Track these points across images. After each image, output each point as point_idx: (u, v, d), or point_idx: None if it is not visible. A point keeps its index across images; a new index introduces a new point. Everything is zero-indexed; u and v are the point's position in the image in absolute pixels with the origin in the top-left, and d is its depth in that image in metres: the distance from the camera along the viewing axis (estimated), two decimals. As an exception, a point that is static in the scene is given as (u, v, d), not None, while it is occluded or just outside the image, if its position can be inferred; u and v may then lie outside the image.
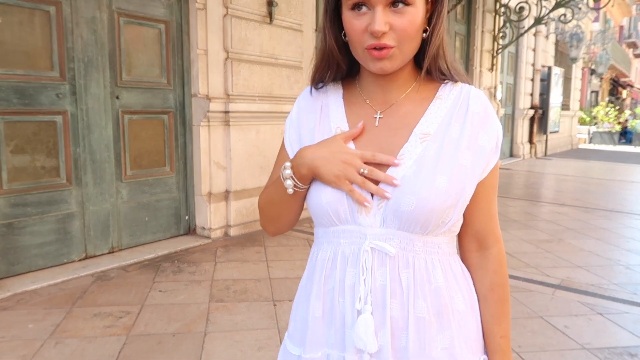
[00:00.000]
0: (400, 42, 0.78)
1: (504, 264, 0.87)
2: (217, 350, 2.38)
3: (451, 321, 0.83)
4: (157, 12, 3.93)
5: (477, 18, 9.05)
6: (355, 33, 0.79)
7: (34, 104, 3.25)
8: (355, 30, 0.79)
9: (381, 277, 0.81)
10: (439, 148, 0.80)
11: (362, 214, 0.81)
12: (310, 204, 0.86)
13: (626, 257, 4.06)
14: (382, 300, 0.81)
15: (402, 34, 0.78)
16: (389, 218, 0.80)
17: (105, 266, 3.46)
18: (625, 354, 2.44)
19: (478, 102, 0.84)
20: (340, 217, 0.83)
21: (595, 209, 6.10)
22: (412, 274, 0.81)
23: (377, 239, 0.81)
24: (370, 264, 0.81)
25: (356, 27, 0.78)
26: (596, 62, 19.92)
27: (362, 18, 0.78)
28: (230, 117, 4.26)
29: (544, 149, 13.32)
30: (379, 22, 0.75)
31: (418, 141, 0.81)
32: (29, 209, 3.27)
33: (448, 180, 0.78)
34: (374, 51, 0.78)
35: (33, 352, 2.32)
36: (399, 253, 0.81)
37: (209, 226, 4.23)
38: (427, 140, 0.81)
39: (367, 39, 0.78)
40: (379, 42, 0.77)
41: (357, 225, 0.82)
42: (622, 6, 25.69)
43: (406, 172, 0.79)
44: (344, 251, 0.84)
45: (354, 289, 0.82)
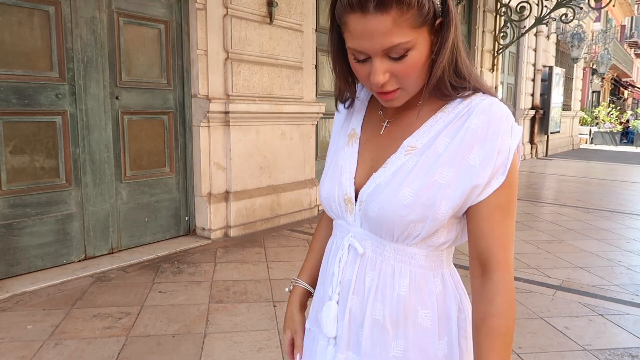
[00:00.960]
0: (404, 84, 0.78)
1: (505, 293, 0.77)
2: (216, 352, 2.37)
3: (408, 332, 0.82)
4: (157, 12, 3.93)
5: (478, 18, 9.04)
6: (361, 78, 0.81)
7: (33, 105, 3.24)
8: (360, 76, 0.81)
9: (349, 273, 0.87)
10: (417, 163, 0.79)
11: (347, 213, 0.87)
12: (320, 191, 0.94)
13: (627, 258, 4.05)
14: (345, 294, 0.87)
15: (404, 78, 0.77)
16: (363, 220, 0.85)
17: (104, 267, 3.46)
18: (626, 355, 2.43)
19: (480, 117, 0.77)
20: (334, 212, 0.91)
21: (596, 209, 6.08)
22: (377, 276, 0.84)
23: (355, 237, 0.86)
24: (345, 259, 0.87)
25: (361, 74, 0.80)
26: (597, 62, 19.90)
27: (365, 66, 0.78)
28: (230, 117, 4.26)
29: (545, 149, 13.30)
30: (376, 74, 0.76)
31: (403, 153, 0.82)
32: (28, 210, 3.27)
33: (413, 194, 0.77)
34: (380, 95, 0.80)
35: (32, 353, 2.31)
36: (369, 255, 0.85)
37: (208, 227, 4.22)
38: (411, 154, 0.81)
39: (372, 86, 0.79)
40: (383, 90, 0.79)
41: (345, 222, 0.89)
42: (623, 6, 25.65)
43: (381, 181, 0.81)
44: (337, 242, 0.92)
45: (332, 276, 0.90)
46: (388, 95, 0.79)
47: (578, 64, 16.04)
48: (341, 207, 0.88)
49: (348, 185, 0.86)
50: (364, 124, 0.92)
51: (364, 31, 0.73)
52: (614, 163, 12.22)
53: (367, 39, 0.73)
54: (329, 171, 0.92)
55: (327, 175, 0.91)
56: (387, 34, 0.72)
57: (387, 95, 0.79)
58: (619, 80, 30.54)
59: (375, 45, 0.73)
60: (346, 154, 0.90)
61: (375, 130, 0.89)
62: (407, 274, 0.82)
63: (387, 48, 0.73)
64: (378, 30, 0.72)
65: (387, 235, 0.82)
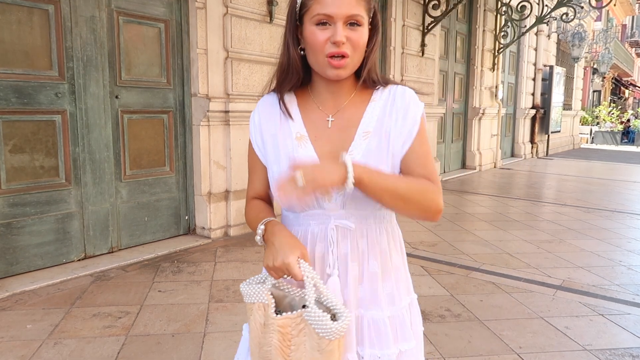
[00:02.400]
0: (353, 52, 0.99)
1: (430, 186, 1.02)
2: (216, 351, 2.37)
3: (391, 273, 1.09)
4: (157, 11, 3.92)
5: (479, 17, 9.02)
6: (318, 43, 0.98)
7: (32, 103, 3.24)
8: (319, 40, 0.98)
9: (344, 247, 1.05)
10: (378, 142, 1.03)
11: (326, 202, 1.04)
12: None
13: (628, 258, 4.04)
14: (345, 265, 1.05)
15: (355, 45, 0.99)
16: (348, 203, 1.04)
17: (104, 266, 3.46)
18: (627, 355, 2.42)
19: (401, 98, 1.06)
20: (309, 205, 1.03)
21: (596, 209, 6.07)
22: (367, 241, 1.07)
23: (339, 219, 1.05)
24: (336, 238, 1.05)
25: (320, 38, 0.98)
26: (598, 62, 19.87)
27: (325, 31, 0.98)
28: (230, 116, 4.25)
29: (546, 148, 13.29)
30: (340, 34, 0.97)
31: (362, 138, 1.04)
32: (28, 209, 3.27)
33: (390, 169, 1.04)
34: (333, 60, 0.99)
35: (31, 352, 2.31)
36: (357, 227, 1.05)
37: (208, 226, 4.22)
38: (368, 137, 1.04)
39: (329, 48, 0.98)
40: (339, 50, 0.98)
41: (322, 210, 1.05)
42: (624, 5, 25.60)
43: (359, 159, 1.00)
44: (313, 230, 1.07)
45: (323, 258, 1.06)
46: (341, 62, 0.99)
47: (579, 64, 16.01)
48: (317, 200, 1.03)
49: None
50: (305, 125, 1.08)
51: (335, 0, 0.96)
52: (614, 162, 12.20)
53: (337, 6, 0.96)
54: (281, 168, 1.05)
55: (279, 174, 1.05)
56: (351, 4, 0.97)
57: (340, 62, 0.99)
58: (620, 80, 30.50)
59: (342, 11, 0.96)
60: (304, 155, 1.04)
61: (321, 128, 1.07)
62: (384, 231, 1.09)
63: (349, 15, 0.97)
64: (345, 1, 0.96)
65: (370, 207, 1.04)
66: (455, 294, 3.14)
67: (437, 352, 2.39)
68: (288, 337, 0.97)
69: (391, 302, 1.08)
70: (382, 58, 6.62)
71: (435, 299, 3.04)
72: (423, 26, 7.04)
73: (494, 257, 3.95)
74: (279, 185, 0.91)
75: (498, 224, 5.11)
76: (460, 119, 9.23)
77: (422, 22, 7.02)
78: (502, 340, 2.54)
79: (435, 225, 4.97)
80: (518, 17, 8.95)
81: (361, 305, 1.07)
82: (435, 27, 7.12)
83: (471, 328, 2.67)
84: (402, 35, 6.73)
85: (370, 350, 1.05)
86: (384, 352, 1.04)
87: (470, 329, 2.66)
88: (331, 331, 0.92)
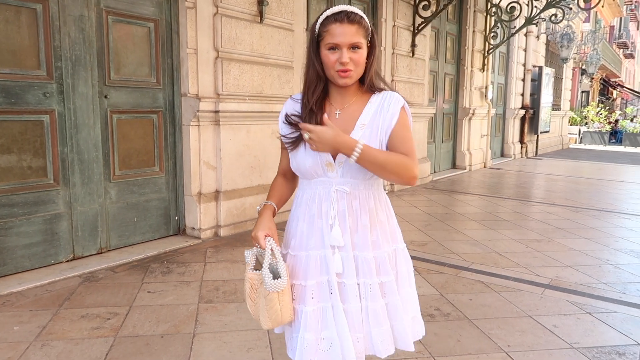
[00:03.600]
0: (355, 67, 1.39)
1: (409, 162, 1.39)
2: (206, 352, 2.36)
3: (377, 226, 1.48)
4: (146, 11, 3.90)
5: (469, 18, 9.08)
6: (331, 63, 1.39)
7: (20, 103, 3.21)
8: (331, 61, 1.39)
9: (342, 205, 1.45)
10: (370, 132, 1.43)
11: (329, 171, 1.44)
12: (299, 166, 1.48)
13: (615, 257, 4.09)
14: (343, 218, 1.45)
15: (356, 63, 1.39)
16: (345, 173, 1.44)
17: (93, 267, 3.43)
18: (614, 353, 2.45)
19: (392, 104, 1.44)
20: (317, 174, 1.46)
21: (585, 208, 6.14)
22: (359, 202, 1.46)
23: (339, 185, 1.44)
24: (336, 199, 1.44)
25: (332, 59, 1.38)
26: (587, 62, 20.07)
27: (334, 54, 1.38)
28: (220, 116, 4.24)
29: (535, 148, 13.40)
30: (345, 57, 1.37)
31: (359, 128, 1.43)
32: (15, 210, 3.23)
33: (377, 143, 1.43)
34: (341, 73, 1.39)
35: (18, 354, 2.29)
36: (351, 191, 1.45)
37: (198, 226, 4.20)
38: (364, 128, 1.43)
39: (338, 66, 1.38)
40: (345, 68, 1.38)
41: (326, 178, 1.46)
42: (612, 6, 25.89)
43: None
44: (320, 192, 1.47)
45: (327, 213, 1.45)
46: (346, 73, 1.38)
47: (567, 64, 16.18)
48: (324, 170, 1.44)
49: (327, 155, 1.42)
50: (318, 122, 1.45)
51: (341, 32, 1.36)
52: (602, 162, 12.33)
53: (342, 37, 1.36)
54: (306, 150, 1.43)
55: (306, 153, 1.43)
56: (352, 35, 1.36)
57: (346, 73, 1.38)
58: (608, 81, 30.82)
59: (346, 40, 1.36)
60: None
61: (331, 118, 1.45)
62: (372, 195, 1.48)
63: (351, 43, 1.36)
64: (348, 32, 1.36)
65: (361, 176, 1.44)
66: (444, 294, 3.15)
67: (426, 352, 2.40)
68: (255, 287, 1.46)
69: (377, 247, 1.47)
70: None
71: (424, 299, 3.05)
72: (413, 27, 7.06)
73: (483, 256, 3.98)
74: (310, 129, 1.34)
75: (488, 224, 5.14)
76: (451, 119, 9.28)
77: (412, 23, 7.05)
78: (491, 339, 2.56)
79: (425, 224, 4.99)
80: (507, 18, 9.02)
81: (356, 248, 1.46)
82: (426, 27, 7.15)
83: (460, 327, 2.68)
84: (393, 35, 6.75)
85: (363, 279, 1.46)
86: (372, 281, 1.45)
87: (459, 328, 2.68)
88: (270, 285, 1.38)
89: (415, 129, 7.45)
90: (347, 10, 1.36)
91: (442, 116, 8.94)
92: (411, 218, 5.27)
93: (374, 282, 1.45)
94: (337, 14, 1.36)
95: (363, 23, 1.38)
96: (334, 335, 1.41)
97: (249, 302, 1.49)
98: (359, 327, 1.45)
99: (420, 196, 6.63)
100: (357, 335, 1.44)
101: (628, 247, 4.41)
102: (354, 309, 1.44)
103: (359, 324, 1.45)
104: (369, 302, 1.45)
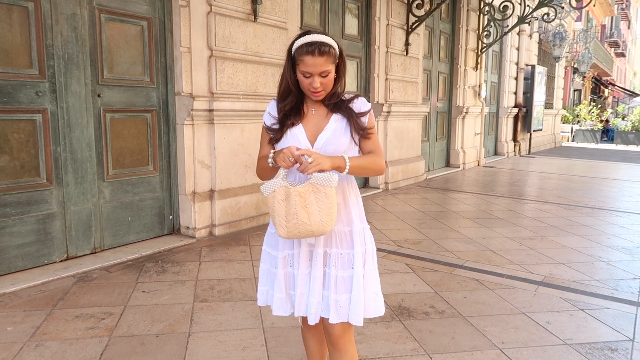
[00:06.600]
0: (325, 87, 1.63)
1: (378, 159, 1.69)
2: (201, 351, 2.36)
3: (349, 206, 1.70)
4: (140, 9, 3.88)
5: (462, 17, 9.10)
6: (305, 85, 1.63)
7: (12, 102, 3.18)
8: (305, 84, 1.62)
9: None
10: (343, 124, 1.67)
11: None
12: None
13: (607, 254, 4.12)
14: None
15: (326, 85, 1.63)
16: None
17: (87, 267, 3.41)
18: (606, 348, 2.47)
19: (357, 104, 1.69)
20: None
21: (577, 206, 6.18)
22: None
23: None
24: None
25: (306, 83, 1.62)
26: (579, 61, 20.19)
27: (308, 79, 1.61)
28: (214, 115, 4.23)
29: (528, 147, 13.47)
30: (315, 82, 1.60)
31: (333, 121, 1.68)
32: (8, 209, 3.21)
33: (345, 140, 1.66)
34: (314, 93, 1.63)
35: (12, 355, 2.28)
36: None
37: (193, 226, 4.19)
38: (337, 122, 1.67)
39: (311, 88, 1.61)
40: (316, 90, 1.62)
41: None
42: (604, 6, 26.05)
43: (328, 135, 1.66)
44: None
45: None
46: (318, 94, 1.63)
47: (560, 63, 16.28)
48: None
49: (307, 142, 1.66)
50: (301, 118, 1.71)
51: (313, 63, 1.57)
52: (594, 160, 12.42)
53: (313, 66, 1.58)
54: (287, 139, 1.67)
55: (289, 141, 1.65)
56: (322, 65, 1.58)
57: (317, 94, 1.63)
58: (600, 79, 31.02)
59: (317, 69, 1.58)
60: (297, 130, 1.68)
61: (308, 115, 1.70)
62: (344, 178, 1.69)
63: (321, 71, 1.59)
64: (318, 63, 1.57)
65: None
66: (439, 291, 3.17)
67: (421, 349, 2.41)
68: (304, 197, 1.56)
69: (348, 223, 1.69)
70: (366, 57, 6.65)
71: (419, 296, 3.07)
72: (407, 25, 7.08)
73: (477, 254, 4.00)
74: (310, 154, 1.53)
75: (481, 222, 5.17)
76: (444, 117, 9.31)
77: (406, 22, 7.06)
78: (485, 336, 2.57)
79: (420, 223, 5.01)
80: (500, 17, 9.05)
81: None
82: (419, 26, 7.17)
83: (455, 324, 2.70)
84: (387, 34, 6.76)
85: (335, 249, 1.67)
86: (344, 251, 1.67)
87: (454, 325, 2.69)
88: (333, 180, 1.55)
89: (409, 127, 7.48)
90: (317, 41, 1.57)
91: (436, 115, 8.97)
92: (405, 216, 5.29)
93: (346, 252, 1.67)
94: (310, 44, 1.57)
95: (331, 52, 1.59)
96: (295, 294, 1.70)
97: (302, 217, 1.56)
98: (318, 291, 1.66)
99: (415, 194, 6.65)
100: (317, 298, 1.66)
101: (620, 244, 4.45)
102: (316, 274, 1.66)
103: (318, 288, 1.66)
104: (338, 270, 1.66)
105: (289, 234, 1.59)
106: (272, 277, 1.77)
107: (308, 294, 1.68)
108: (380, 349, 2.41)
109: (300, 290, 1.69)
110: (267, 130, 1.75)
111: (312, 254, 1.68)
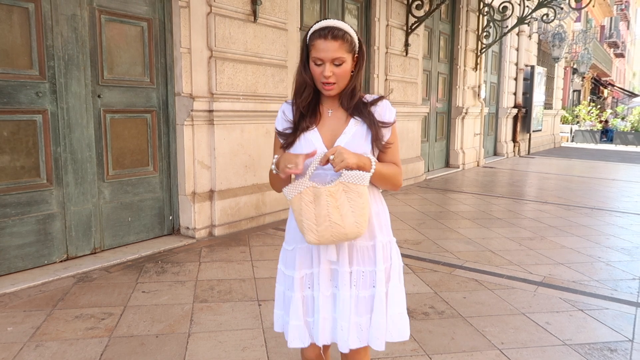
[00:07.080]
0: (338, 80, 1.47)
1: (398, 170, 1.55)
2: (201, 351, 2.36)
3: (372, 217, 1.52)
4: (140, 10, 3.88)
5: (461, 17, 9.11)
6: (316, 75, 1.48)
7: (12, 103, 3.19)
8: (316, 73, 1.47)
9: None
10: (364, 127, 1.51)
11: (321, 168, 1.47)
12: None
13: (607, 254, 4.13)
14: None
15: (339, 77, 1.47)
16: None
17: (87, 267, 3.42)
18: (605, 349, 2.48)
19: (380, 109, 1.53)
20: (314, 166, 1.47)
21: (577, 206, 6.19)
22: None
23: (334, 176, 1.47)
24: None
25: (317, 72, 1.47)
26: (578, 62, 20.22)
27: (319, 68, 1.46)
28: (214, 116, 4.23)
29: (527, 147, 13.48)
30: (327, 72, 1.44)
31: (352, 125, 1.52)
32: (8, 210, 3.21)
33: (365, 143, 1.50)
34: (325, 86, 1.48)
35: (12, 355, 2.28)
36: None
37: (193, 226, 4.20)
38: (357, 125, 1.51)
39: (322, 78, 1.46)
40: (327, 81, 1.46)
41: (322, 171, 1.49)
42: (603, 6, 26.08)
43: (348, 140, 1.49)
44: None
45: None
46: (329, 87, 1.47)
47: (559, 64, 16.29)
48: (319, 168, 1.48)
49: (323, 148, 1.49)
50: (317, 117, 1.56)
51: (324, 47, 1.43)
52: (594, 161, 12.43)
53: (325, 51, 1.43)
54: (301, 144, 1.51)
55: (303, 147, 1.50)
56: (334, 50, 1.43)
57: (329, 87, 1.47)
58: (599, 80, 31.05)
59: (328, 55, 1.43)
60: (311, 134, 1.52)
61: (325, 117, 1.55)
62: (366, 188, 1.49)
63: (333, 58, 1.43)
64: (331, 48, 1.43)
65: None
66: (439, 292, 3.17)
67: (421, 349, 2.41)
68: (335, 197, 1.43)
69: (371, 237, 1.53)
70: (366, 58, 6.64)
71: (419, 297, 3.07)
72: (407, 26, 7.08)
73: (477, 254, 4.00)
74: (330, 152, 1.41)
75: (481, 222, 5.17)
76: (444, 118, 9.32)
77: (405, 22, 7.07)
78: (484, 336, 2.58)
79: (419, 223, 5.01)
80: (500, 18, 9.07)
81: None
82: (419, 27, 7.18)
83: (455, 325, 2.70)
84: (386, 35, 6.76)
85: (357, 267, 1.52)
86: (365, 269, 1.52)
87: (453, 325, 2.69)
88: (365, 178, 1.43)
89: (409, 128, 7.48)
90: (331, 26, 1.43)
91: (436, 115, 8.98)
92: (405, 217, 5.29)
93: (368, 270, 1.52)
94: (322, 29, 1.43)
95: (346, 38, 1.43)
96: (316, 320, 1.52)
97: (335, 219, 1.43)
98: (347, 315, 1.49)
99: (414, 195, 6.65)
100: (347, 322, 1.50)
101: (619, 244, 4.45)
102: (345, 296, 1.49)
103: (348, 311, 1.49)
104: (360, 289, 1.51)
105: (320, 238, 1.43)
106: (287, 301, 1.58)
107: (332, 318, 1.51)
108: (380, 349, 2.41)
109: (324, 314, 1.51)
110: (279, 136, 1.57)
111: (332, 272, 1.52)
